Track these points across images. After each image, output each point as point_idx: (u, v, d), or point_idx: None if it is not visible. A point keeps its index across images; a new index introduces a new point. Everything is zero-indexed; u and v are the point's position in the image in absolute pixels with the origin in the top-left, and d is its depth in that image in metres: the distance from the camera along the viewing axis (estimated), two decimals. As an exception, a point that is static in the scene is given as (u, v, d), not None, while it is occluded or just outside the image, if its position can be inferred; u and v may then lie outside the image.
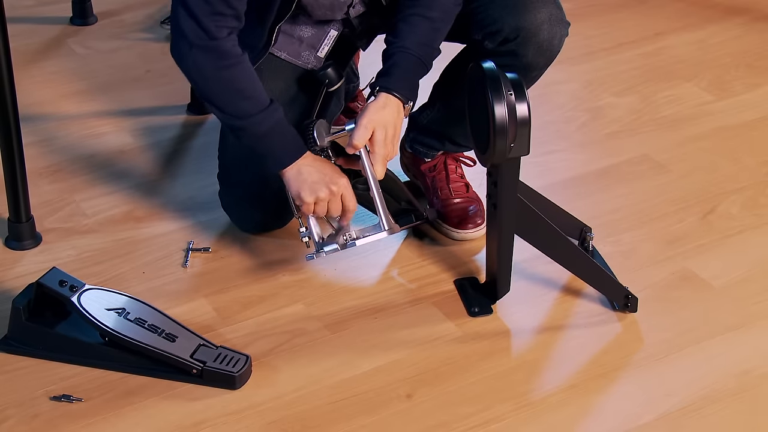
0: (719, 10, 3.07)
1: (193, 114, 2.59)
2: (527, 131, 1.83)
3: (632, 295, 1.99)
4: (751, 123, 2.60)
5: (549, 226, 1.96)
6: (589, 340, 1.97)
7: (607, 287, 2.02)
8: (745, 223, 2.26)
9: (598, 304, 2.04)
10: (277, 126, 1.96)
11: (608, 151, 2.48)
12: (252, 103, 1.94)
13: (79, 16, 2.97)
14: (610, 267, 2.10)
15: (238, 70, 1.93)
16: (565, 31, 2.02)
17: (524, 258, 2.08)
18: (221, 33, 1.89)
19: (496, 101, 1.81)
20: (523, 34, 1.98)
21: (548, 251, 2.00)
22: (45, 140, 2.48)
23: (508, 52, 1.99)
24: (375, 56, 2.29)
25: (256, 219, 2.18)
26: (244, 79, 1.94)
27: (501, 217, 1.93)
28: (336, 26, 2.11)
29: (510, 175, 1.90)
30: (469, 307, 2.03)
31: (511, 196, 1.92)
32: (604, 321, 2.01)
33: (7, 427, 1.78)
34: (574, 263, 2.01)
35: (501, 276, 2.00)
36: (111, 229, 2.22)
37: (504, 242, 1.96)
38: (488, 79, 1.82)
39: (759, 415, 1.82)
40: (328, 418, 1.81)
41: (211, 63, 1.91)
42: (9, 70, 2.01)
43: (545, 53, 2.01)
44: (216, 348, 1.89)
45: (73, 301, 1.88)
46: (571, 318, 2.01)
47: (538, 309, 2.04)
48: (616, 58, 2.85)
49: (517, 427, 1.79)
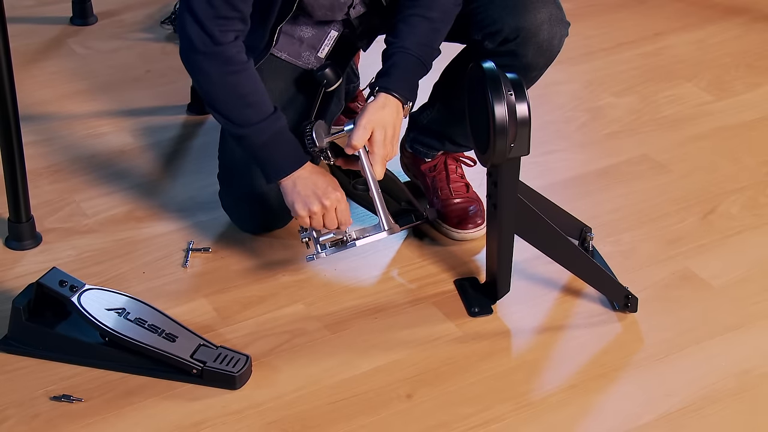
0: (719, 10, 3.07)
1: (193, 114, 2.59)
2: (527, 131, 1.83)
3: (632, 295, 1.99)
4: (751, 123, 2.60)
5: (549, 226, 1.96)
6: (589, 340, 1.97)
7: (607, 287, 2.02)
8: (745, 223, 2.26)
9: (598, 304, 2.04)
10: (278, 135, 1.96)
11: (608, 151, 2.48)
12: (254, 111, 1.95)
13: (79, 16, 2.97)
14: (610, 267, 2.10)
15: (242, 76, 1.93)
16: (565, 31, 2.02)
17: (524, 258, 2.08)
18: (226, 38, 1.89)
19: (496, 101, 1.81)
20: (523, 34, 1.98)
21: (548, 251, 2.00)
22: (45, 140, 2.48)
23: (508, 52, 1.99)
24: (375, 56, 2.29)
25: (256, 219, 2.18)
26: (248, 85, 1.94)
27: (501, 217, 1.93)
28: (336, 27, 2.11)
29: (510, 175, 1.90)
30: (469, 307, 2.03)
31: (511, 196, 1.92)
32: (604, 321, 2.01)
33: (7, 427, 1.78)
34: (574, 263, 2.01)
35: (501, 276, 2.00)
36: (111, 229, 2.22)
37: (504, 242, 1.96)
38: (488, 79, 1.82)
39: (759, 415, 1.83)
40: (328, 418, 1.81)
41: (215, 69, 1.91)
42: (9, 70, 2.01)
43: (545, 53, 2.01)
44: (216, 348, 1.89)
45: (73, 301, 1.88)
46: (571, 318, 2.01)
47: (538, 309, 2.04)
48: (616, 58, 2.85)
49: (517, 427, 1.80)
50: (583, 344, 1.96)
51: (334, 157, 2.02)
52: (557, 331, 1.99)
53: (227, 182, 2.19)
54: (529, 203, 1.94)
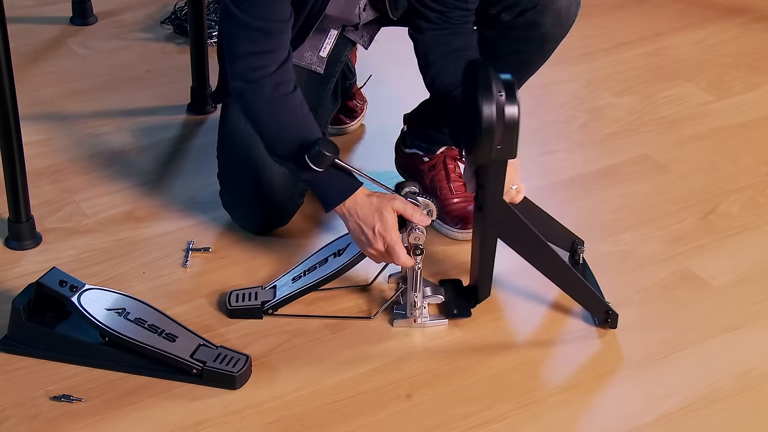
0: (719, 10, 3.07)
1: (193, 114, 2.59)
2: (515, 134, 1.79)
3: (613, 311, 1.95)
4: (751, 123, 2.60)
5: (533, 234, 1.92)
6: (590, 340, 1.97)
7: (588, 301, 1.97)
8: (745, 223, 2.26)
9: (598, 304, 2.04)
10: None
11: (608, 151, 2.48)
12: (292, 145, 1.90)
13: (79, 16, 2.97)
14: (609, 268, 2.10)
15: (282, 110, 1.90)
16: (579, 1, 2.07)
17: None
18: (265, 71, 1.86)
19: (484, 101, 1.77)
20: (542, 2, 2.01)
21: (531, 259, 1.96)
22: (45, 140, 2.48)
23: (526, 23, 2.02)
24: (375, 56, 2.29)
25: (257, 218, 2.18)
26: (287, 121, 1.91)
27: (484, 220, 1.91)
28: (336, 26, 2.11)
29: (495, 178, 1.86)
30: (448, 308, 2.01)
31: (496, 200, 1.88)
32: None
33: (7, 427, 1.78)
34: (556, 273, 1.96)
35: (482, 280, 1.98)
36: (111, 229, 2.22)
37: (486, 246, 1.93)
38: (480, 78, 1.79)
39: (759, 415, 1.83)
40: (328, 418, 1.81)
41: (256, 105, 1.90)
42: (9, 70, 2.01)
43: (562, 21, 2.04)
44: (216, 348, 1.89)
45: (73, 301, 1.88)
46: (571, 318, 2.01)
47: (538, 309, 2.04)
48: (616, 58, 2.85)
49: (517, 427, 1.79)
50: (583, 344, 1.96)
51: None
52: (557, 331, 1.99)
53: (228, 181, 2.19)
54: (514, 209, 1.90)
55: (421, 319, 1.97)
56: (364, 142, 2.52)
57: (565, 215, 2.17)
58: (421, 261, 1.92)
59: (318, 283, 2.00)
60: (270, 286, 2.03)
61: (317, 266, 2.02)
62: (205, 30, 2.52)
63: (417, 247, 1.90)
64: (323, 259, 2.03)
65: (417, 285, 1.94)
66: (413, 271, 1.92)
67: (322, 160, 1.84)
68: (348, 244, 2.01)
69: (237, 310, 1.99)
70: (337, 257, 2.01)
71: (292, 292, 2.00)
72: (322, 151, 1.83)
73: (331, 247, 2.05)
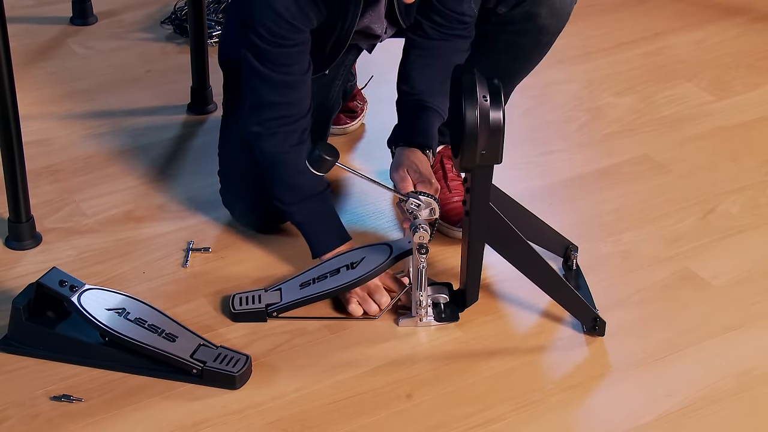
0: (719, 10, 3.07)
1: (193, 114, 2.59)
2: (500, 139, 1.78)
3: (600, 319, 1.94)
4: (751, 123, 2.60)
5: (520, 240, 1.90)
6: (590, 339, 1.97)
7: (575, 308, 1.96)
8: (745, 223, 2.26)
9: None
10: (312, 218, 2.04)
11: (608, 151, 2.48)
12: (290, 193, 2.03)
13: (79, 16, 2.97)
14: (611, 268, 2.10)
15: (287, 157, 2.01)
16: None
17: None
18: (272, 127, 1.98)
19: (468, 106, 1.76)
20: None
21: (518, 265, 1.94)
22: (45, 140, 2.48)
23: (522, 15, 2.03)
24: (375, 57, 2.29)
25: (257, 215, 2.18)
26: (287, 169, 2.01)
27: (470, 224, 1.89)
28: (363, 43, 2.13)
29: (481, 183, 1.84)
30: (437, 311, 2.01)
31: (482, 205, 1.87)
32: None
33: (7, 427, 1.78)
34: (543, 280, 1.94)
35: (469, 285, 1.97)
36: (111, 229, 2.22)
37: (473, 251, 1.92)
38: (464, 82, 1.77)
39: (759, 415, 1.83)
40: (328, 418, 1.81)
41: (267, 149, 2.01)
42: (9, 70, 2.01)
43: (558, 12, 2.05)
44: (216, 348, 1.89)
45: (73, 301, 1.88)
46: (571, 318, 2.01)
47: (538, 309, 2.04)
48: (616, 58, 2.85)
49: (516, 427, 1.79)
50: (583, 344, 1.96)
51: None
52: (557, 331, 1.99)
53: (228, 178, 2.19)
54: (502, 215, 1.88)
55: (427, 318, 1.97)
56: (364, 142, 2.52)
57: (565, 215, 2.18)
58: (426, 260, 1.92)
59: (327, 294, 1.99)
60: (274, 288, 2.02)
61: (328, 275, 2.00)
62: (205, 30, 2.52)
63: (422, 246, 1.90)
64: (335, 269, 2.00)
65: (422, 284, 1.94)
66: (418, 270, 1.92)
67: (322, 163, 1.84)
68: (362, 258, 1.99)
69: (241, 313, 1.98)
70: (351, 270, 1.99)
71: (300, 299, 1.99)
72: (322, 155, 1.83)
73: (345, 258, 2.02)
